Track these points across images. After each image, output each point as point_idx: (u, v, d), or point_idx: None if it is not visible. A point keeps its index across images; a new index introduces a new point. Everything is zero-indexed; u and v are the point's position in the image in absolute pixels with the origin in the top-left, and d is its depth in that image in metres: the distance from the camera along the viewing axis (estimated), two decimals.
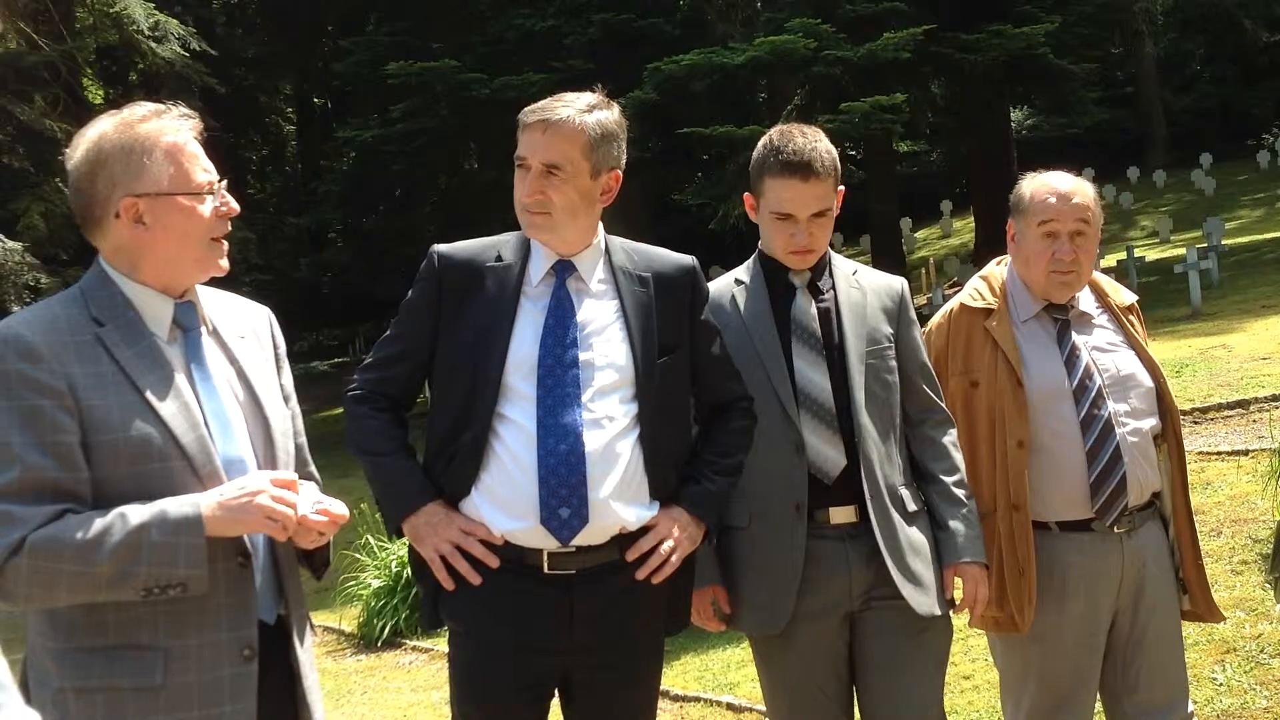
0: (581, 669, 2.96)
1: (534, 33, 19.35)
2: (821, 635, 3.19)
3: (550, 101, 2.95)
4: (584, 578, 2.88)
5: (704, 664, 6.53)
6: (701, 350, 3.11)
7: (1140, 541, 3.41)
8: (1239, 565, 5.92)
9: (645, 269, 3.07)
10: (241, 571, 2.45)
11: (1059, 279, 3.42)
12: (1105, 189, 30.85)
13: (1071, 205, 3.41)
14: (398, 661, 8.06)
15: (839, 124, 15.48)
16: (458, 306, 2.97)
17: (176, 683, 2.35)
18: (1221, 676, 4.93)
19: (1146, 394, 3.45)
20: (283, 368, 2.75)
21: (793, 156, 3.17)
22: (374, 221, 23.53)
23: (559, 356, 2.90)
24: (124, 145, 2.44)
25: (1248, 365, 10.10)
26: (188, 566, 2.30)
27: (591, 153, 2.91)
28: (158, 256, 2.48)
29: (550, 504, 2.83)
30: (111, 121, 2.48)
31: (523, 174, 2.93)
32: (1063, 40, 18.39)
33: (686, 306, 3.09)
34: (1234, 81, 36.27)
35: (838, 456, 3.16)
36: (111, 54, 22.24)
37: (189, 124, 2.54)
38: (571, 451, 2.84)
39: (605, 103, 2.98)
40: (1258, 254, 19.72)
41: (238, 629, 2.42)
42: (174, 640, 2.36)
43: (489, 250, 3.04)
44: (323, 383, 24.95)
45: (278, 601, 2.56)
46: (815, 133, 3.25)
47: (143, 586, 2.28)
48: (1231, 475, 7.12)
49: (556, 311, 2.95)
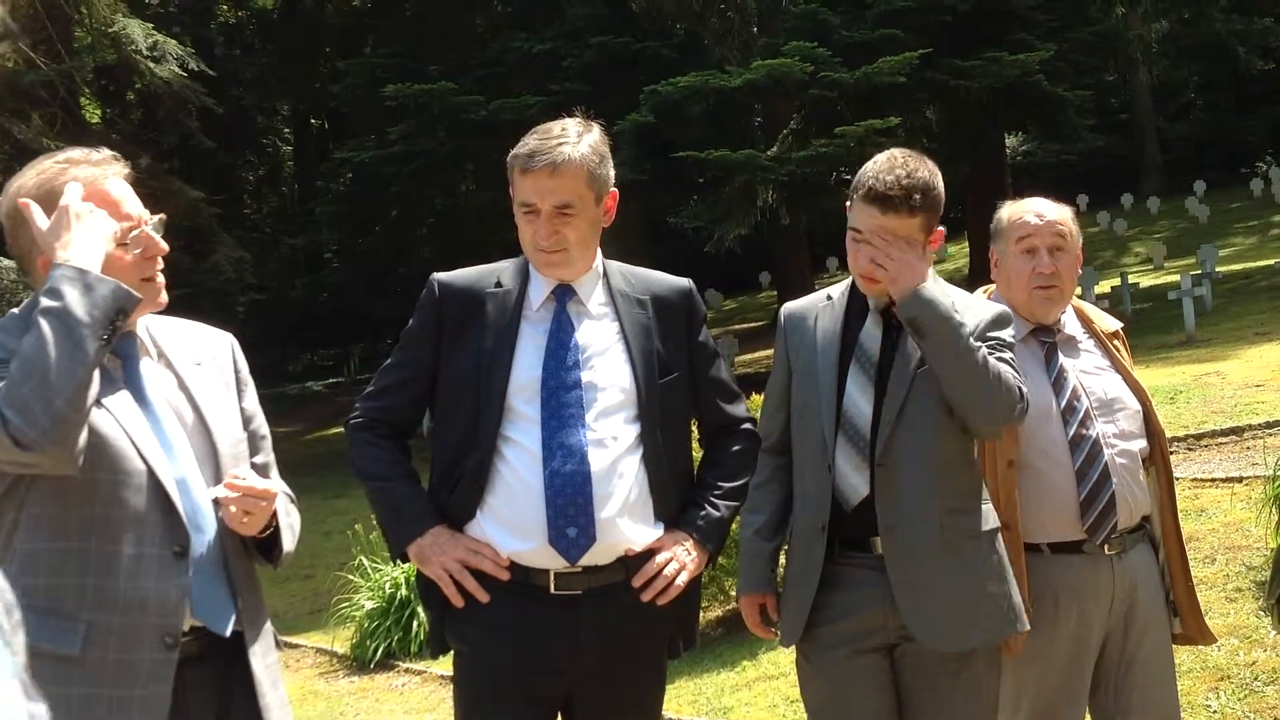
0: (585, 689, 2.96)
1: (531, 55, 19.43)
2: (854, 664, 3.14)
3: (542, 141, 2.93)
4: (590, 598, 2.90)
5: (698, 688, 6.52)
6: (700, 373, 3.13)
7: (1131, 564, 3.42)
8: (1233, 592, 5.91)
9: (644, 292, 3.09)
10: (176, 561, 2.49)
11: (1041, 294, 3.45)
12: (1099, 215, 30.98)
13: (1047, 221, 3.48)
14: (391, 683, 8.03)
15: (833, 148, 15.54)
16: (458, 333, 2.99)
17: (94, 656, 2.39)
18: (1215, 704, 4.93)
19: (1134, 416, 3.48)
20: (244, 391, 2.80)
21: (878, 186, 3.07)
22: (370, 242, 23.55)
23: (561, 378, 2.93)
24: (42, 199, 2.49)
25: (1241, 392, 10.12)
26: (111, 290, 2.37)
27: (594, 182, 2.95)
28: None
29: (558, 524, 2.85)
30: (31, 174, 2.55)
31: (532, 218, 2.93)
32: (1058, 67, 18.46)
33: (684, 329, 3.11)
34: (1228, 109, 36.47)
35: (860, 484, 3.11)
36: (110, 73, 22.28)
37: (111, 169, 2.58)
38: (577, 471, 2.86)
39: (587, 125, 3.00)
40: (1251, 281, 19.78)
41: (162, 616, 2.46)
42: (97, 614, 2.41)
43: (488, 277, 3.07)
44: (317, 403, 24.94)
45: (232, 615, 2.58)
46: (916, 165, 3.11)
47: (96, 337, 2.34)
48: (1225, 502, 7.12)
49: (558, 334, 2.98)
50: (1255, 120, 35.24)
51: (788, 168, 16.04)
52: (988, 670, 3.17)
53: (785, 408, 3.33)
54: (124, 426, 2.48)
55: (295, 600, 10.71)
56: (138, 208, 2.59)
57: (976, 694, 3.15)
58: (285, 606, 10.47)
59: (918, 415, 3.09)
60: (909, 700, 3.18)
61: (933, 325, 2.97)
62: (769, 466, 3.32)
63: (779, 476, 3.33)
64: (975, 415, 3.03)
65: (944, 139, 19.74)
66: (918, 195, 3.05)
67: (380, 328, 30.26)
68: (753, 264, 30.78)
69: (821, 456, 3.17)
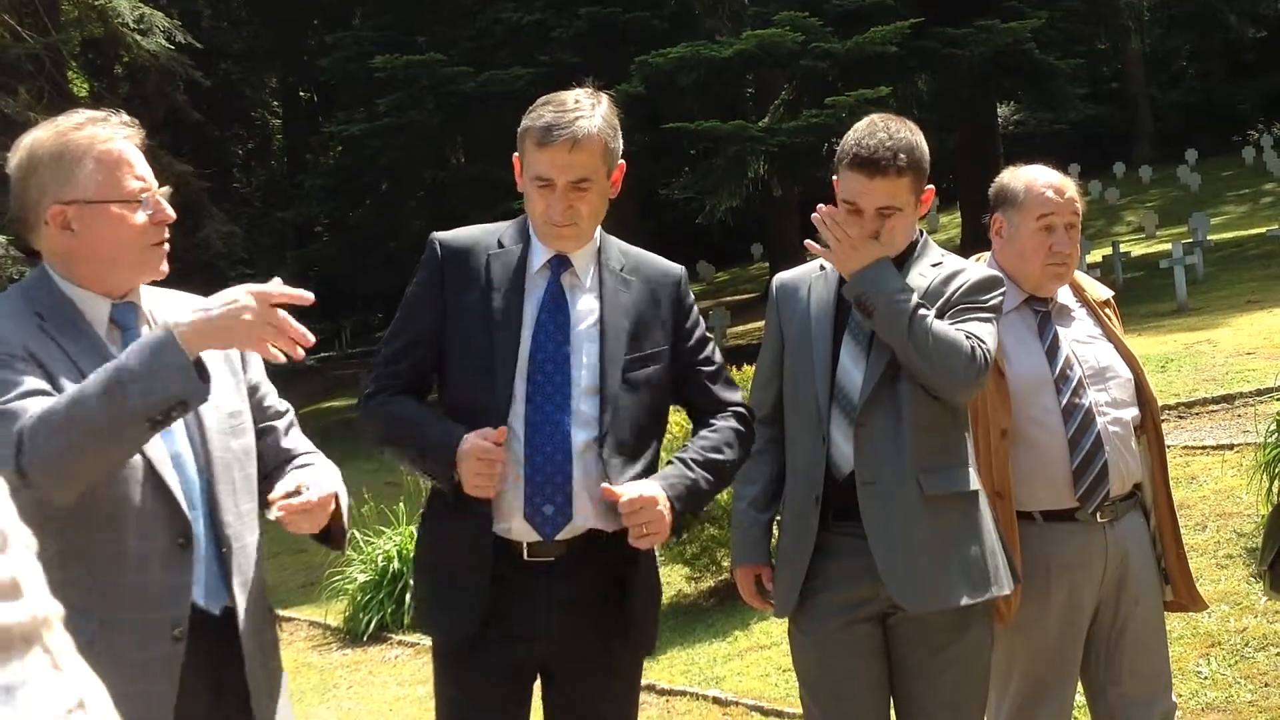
0: (560, 657, 2.96)
1: (520, 26, 19.29)
2: (846, 633, 3.16)
3: (558, 114, 2.86)
4: (562, 565, 2.89)
5: (690, 658, 6.53)
6: (688, 359, 3.08)
7: (1122, 531, 3.42)
8: (1224, 559, 5.94)
9: (633, 272, 3.05)
10: (181, 553, 2.47)
11: (1054, 270, 3.46)
12: (1091, 184, 30.92)
13: (1066, 199, 3.47)
14: (384, 656, 8.05)
15: (825, 118, 15.48)
16: (462, 293, 2.95)
17: (106, 653, 2.34)
18: (1206, 670, 4.95)
19: (1125, 385, 3.48)
20: (249, 363, 2.76)
21: (862, 151, 3.10)
22: (360, 216, 23.47)
23: (550, 354, 2.90)
24: (55, 152, 2.49)
25: (1233, 360, 10.13)
26: (180, 384, 2.30)
27: (608, 156, 2.92)
28: (89, 262, 2.52)
29: (535, 501, 2.84)
30: (48, 128, 2.52)
31: (546, 192, 2.88)
32: (1049, 36, 18.38)
33: (670, 315, 3.06)
34: (1220, 77, 36.37)
35: (852, 453, 3.11)
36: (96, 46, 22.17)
37: (127, 132, 2.56)
38: (558, 450, 2.84)
39: (596, 95, 2.96)
40: (1242, 249, 19.78)
41: (170, 608, 2.45)
42: (106, 612, 2.39)
43: (490, 236, 3.03)
44: (307, 377, 24.87)
45: (223, 593, 2.57)
46: (898, 126, 3.15)
47: (145, 418, 2.29)
48: (1216, 470, 7.14)
49: (550, 308, 2.95)
50: (1247, 88, 35.13)
51: (779, 138, 15.99)
52: (980, 641, 3.17)
53: (777, 379, 3.32)
54: None
55: (288, 573, 10.72)
56: (149, 172, 2.57)
57: (968, 664, 3.16)
58: (278, 580, 10.47)
59: (899, 375, 3.09)
60: (900, 669, 3.19)
61: (877, 303, 3.01)
62: (762, 438, 3.30)
63: (772, 448, 3.32)
64: (931, 384, 3.04)
65: (936, 108, 19.67)
66: (903, 155, 3.07)
67: (371, 301, 30.22)
68: (744, 236, 30.70)
69: (815, 427, 3.16)
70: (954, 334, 3.01)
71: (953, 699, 3.16)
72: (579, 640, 2.93)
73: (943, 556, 3.08)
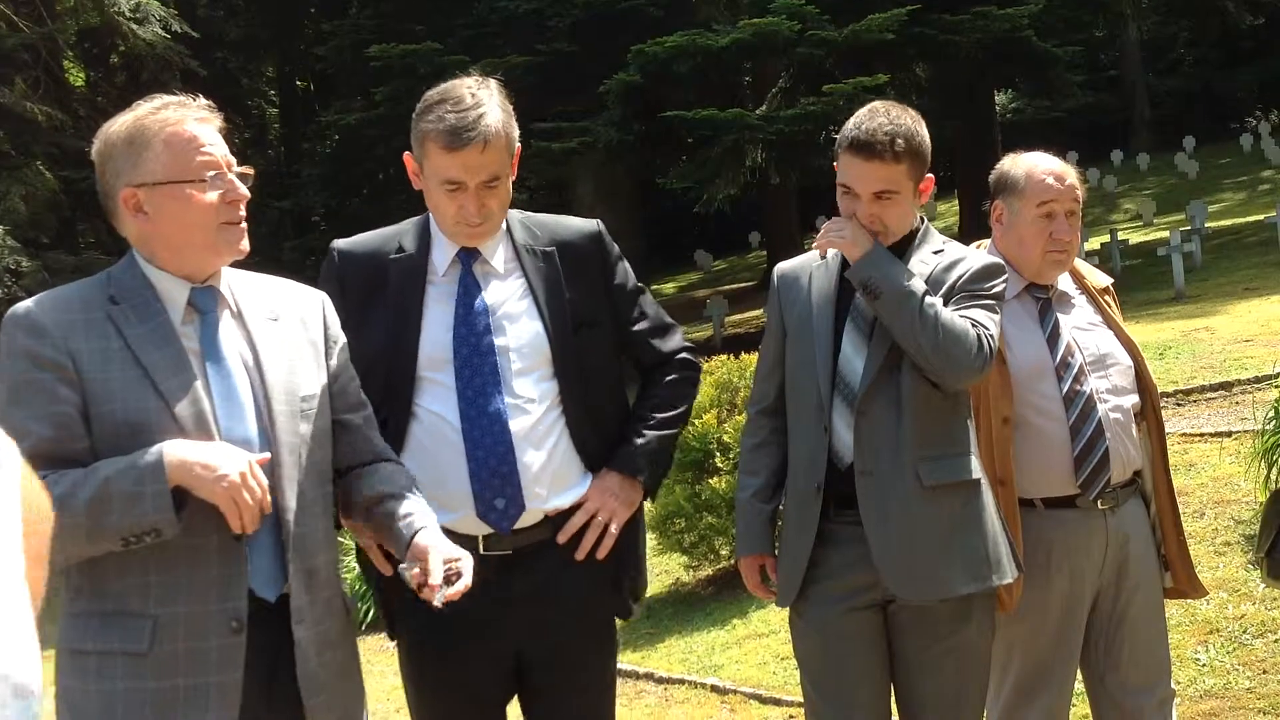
0: (531, 649, 2.95)
1: (517, 15, 19.27)
2: (847, 621, 3.16)
3: (459, 113, 2.79)
4: (520, 556, 2.88)
5: (689, 646, 6.54)
6: (624, 316, 3.08)
7: (1123, 518, 3.42)
8: (1222, 546, 5.94)
9: (549, 243, 3.02)
10: (235, 545, 2.45)
11: (1055, 258, 3.45)
12: (1089, 172, 30.85)
13: (1067, 185, 3.46)
14: (381, 645, 8.03)
15: (822, 106, 15.46)
16: (364, 305, 2.93)
17: (164, 650, 2.38)
18: (1204, 657, 4.96)
19: (1126, 372, 3.48)
20: (333, 349, 2.73)
21: (861, 135, 3.10)
22: (357, 205, 23.42)
23: (474, 345, 2.88)
24: (127, 137, 2.50)
25: (1230, 347, 10.13)
26: (155, 513, 2.33)
27: (512, 146, 2.90)
28: (166, 244, 2.53)
29: (484, 496, 2.83)
30: (126, 115, 2.54)
31: (459, 194, 2.84)
32: (1047, 23, 18.34)
33: (599, 273, 3.05)
34: (1217, 65, 36.28)
35: (853, 442, 3.11)
36: (93, 36, 22.09)
37: (201, 114, 2.56)
38: (499, 441, 2.83)
39: (486, 82, 2.91)
40: (1240, 237, 19.77)
41: (226, 600, 2.43)
42: (163, 608, 2.39)
43: (390, 241, 3.01)
44: None
45: (280, 580, 2.54)
46: (899, 113, 3.16)
47: (119, 536, 2.34)
48: (1214, 457, 7.14)
49: (465, 299, 2.91)
50: (1244, 76, 35.08)
51: (776, 127, 15.95)
52: (981, 630, 3.17)
53: (780, 370, 3.31)
54: (177, 416, 2.43)
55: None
56: (222, 151, 2.55)
57: (970, 653, 3.16)
58: None
59: (900, 364, 3.08)
60: (900, 657, 3.19)
61: (883, 287, 3.01)
62: (765, 429, 3.31)
63: (775, 439, 3.32)
64: (934, 371, 3.03)
65: (933, 95, 19.65)
66: (901, 141, 3.06)
67: None
68: (742, 224, 30.67)
69: (817, 417, 3.15)
70: (960, 322, 3.01)
71: (953, 687, 3.16)
72: (546, 630, 2.93)
73: (944, 546, 3.07)
